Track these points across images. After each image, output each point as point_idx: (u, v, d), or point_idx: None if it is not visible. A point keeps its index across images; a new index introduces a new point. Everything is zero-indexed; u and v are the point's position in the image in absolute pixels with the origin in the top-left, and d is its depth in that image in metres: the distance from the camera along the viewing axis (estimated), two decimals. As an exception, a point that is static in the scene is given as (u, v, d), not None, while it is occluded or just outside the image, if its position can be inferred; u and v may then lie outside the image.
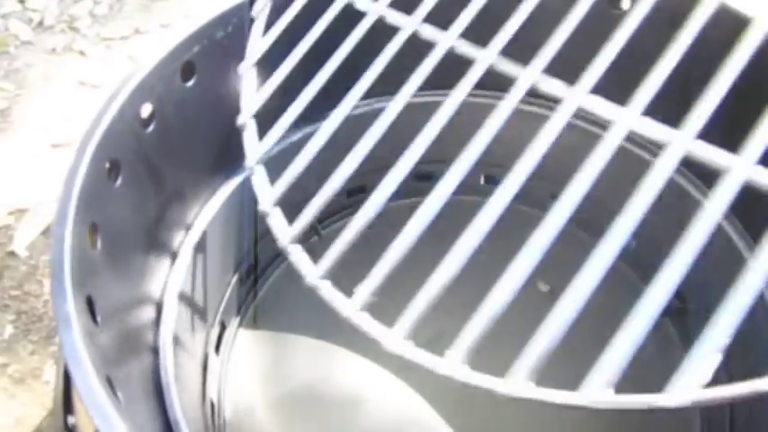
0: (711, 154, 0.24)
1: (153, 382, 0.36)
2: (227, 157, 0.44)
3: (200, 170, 0.43)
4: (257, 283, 0.49)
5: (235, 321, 0.47)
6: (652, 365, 0.29)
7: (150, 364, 0.36)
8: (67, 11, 1.14)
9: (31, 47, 1.07)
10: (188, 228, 0.42)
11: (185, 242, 0.42)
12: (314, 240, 0.50)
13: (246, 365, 0.45)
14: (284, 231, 0.28)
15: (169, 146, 0.38)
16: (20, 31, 1.10)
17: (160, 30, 1.11)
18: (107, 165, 0.33)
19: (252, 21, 0.38)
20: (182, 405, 0.36)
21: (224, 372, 0.45)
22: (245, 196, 0.46)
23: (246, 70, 0.34)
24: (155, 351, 0.37)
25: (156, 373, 0.36)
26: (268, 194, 0.30)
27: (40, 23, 1.12)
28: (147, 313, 0.38)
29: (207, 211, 0.43)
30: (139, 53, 1.05)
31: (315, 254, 0.27)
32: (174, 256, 0.41)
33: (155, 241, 0.39)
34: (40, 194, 0.75)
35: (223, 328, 0.47)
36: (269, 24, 0.35)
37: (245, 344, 0.46)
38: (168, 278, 0.40)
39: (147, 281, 0.38)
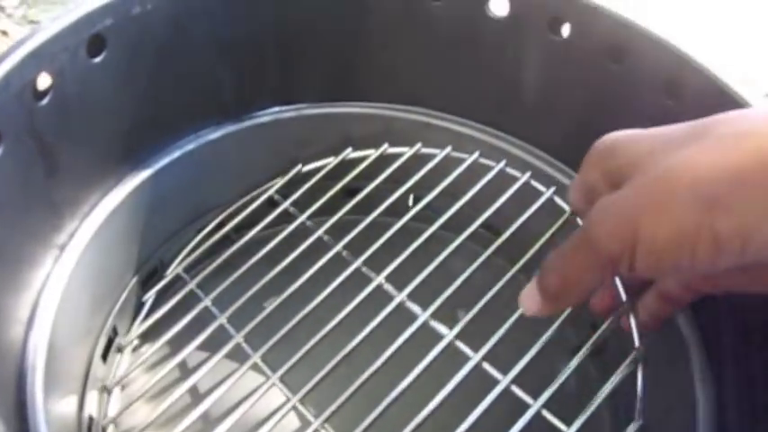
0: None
1: (16, 390, 0.31)
2: (137, 145, 0.41)
3: (103, 156, 0.39)
4: (155, 288, 0.45)
5: (127, 327, 0.43)
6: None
7: (15, 370, 0.32)
8: (-7, -10, 1.08)
9: (-52, 21, 1.00)
10: (83, 218, 0.38)
11: (77, 233, 0.38)
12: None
13: (136, 377, 0.41)
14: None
15: (67, 125, 0.35)
16: (-62, 4, 1.02)
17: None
18: (-15, 133, 0.29)
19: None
20: (49, 418, 0.32)
21: (109, 383, 0.41)
22: (153, 192, 0.42)
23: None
24: (23, 354, 0.33)
25: (21, 380, 0.32)
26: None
27: (-38, -2, 1.05)
28: (22, 307, 0.34)
29: (107, 203, 0.39)
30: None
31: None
32: (62, 247, 0.37)
33: (41, 227, 0.35)
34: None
35: (114, 334, 0.42)
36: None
37: (137, 353, 0.42)
38: (52, 271, 0.36)
39: (28, 271, 0.34)
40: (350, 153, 0.47)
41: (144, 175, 0.41)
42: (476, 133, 0.46)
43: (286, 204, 0.45)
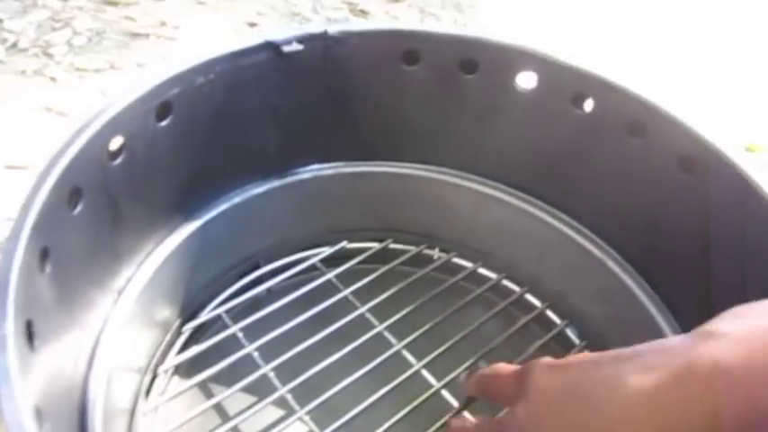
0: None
1: (79, 423, 0.34)
2: (190, 198, 0.44)
3: (160, 208, 0.42)
4: (197, 333, 0.48)
5: (169, 368, 0.45)
6: None
7: (78, 403, 0.35)
8: (44, 36, 1.14)
9: (1, 66, 1.06)
10: (140, 264, 0.42)
11: (133, 279, 0.41)
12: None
13: (175, 416, 0.44)
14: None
15: (133, 181, 0.38)
16: (-8, 50, 1.09)
17: (135, 68, 1.11)
18: (69, 191, 0.32)
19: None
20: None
21: (151, 420, 0.43)
22: (202, 241, 0.46)
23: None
24: (85, 389, 0.36)
25: (83, 414, 0.35)
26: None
27: (15, 45, 1.11)
28: (85, 348, 0.37)
29: (161, 251, 0.43)
30: (111, 88, 1.05)
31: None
32: (120, 291, 0.40)
33: (103, 274, 0.38)
34: (-14, 214, 0.73)
35: (155, 374, 0.45)
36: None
37: (177, 393, 0.44)
38: (110, 314, 0.39)
39: (89, 313, 0.37)
40: (391, 243, 0.53)
41: (194, 225, 0.45)
42: (506, 197, 0.49)
43: (330, 276, 0.50)
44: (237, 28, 1.26)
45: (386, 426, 0.41)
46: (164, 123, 0.39)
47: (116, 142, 0.37)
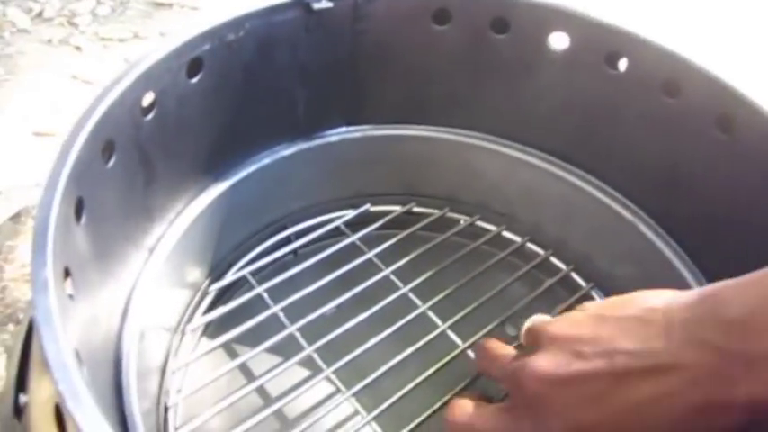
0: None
1: (114, 375, 0.35)
2: (219, 158, 0.45)
3: (191, 167, 0.42)
4: (224, 293, 0.48)
5: (197, 328, 0.46)
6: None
7: (113, 356, 0.35)
8: (69, 6, 1.15)
9: (26, 35, 1.07)
10: (171, 223, 0.42)
11: (165, 237, 0.41)
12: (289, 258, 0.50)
13: (202, 375, 0.44)
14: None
15: (165, 138, 0.38)
16: (17, 19, 1.09)
17: (159, 37, 1.12)
18: (102, 144, 0.33)
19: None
20: (139, 405, 0.35)
21: (181, 377, 0.44)
22: (231, 201, 0.46)
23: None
24: (119, 343, 0.36)
25: (118, 366, 0.35)
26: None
27: (40, 14, 1.12)
28: (118, 302, 0.37)
29: (191, 210, 0.43)
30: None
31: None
32: (151, 249, 0.41)
33: (136, 230, 0.39)
34: (16, 179, 0.74)
35: (183, 333, 0.46)
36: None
37: (204, 352, 0.45)
38: (143, 270, 0.40)
39: (122, 268, 0.38)
40: (414, 207, 0.53)
41: (224, 186, 0.45)
42: (534, 160, 0.49)
43: (354, 238, 0.50)
44: (261, -2, 1.25)
45: (411, 385, 0.42)
46: (195, 80, 0.39)
47: (148, 98, 0.37)
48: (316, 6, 0.42)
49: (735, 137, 0.39)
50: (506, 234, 0.52)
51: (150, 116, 0.37)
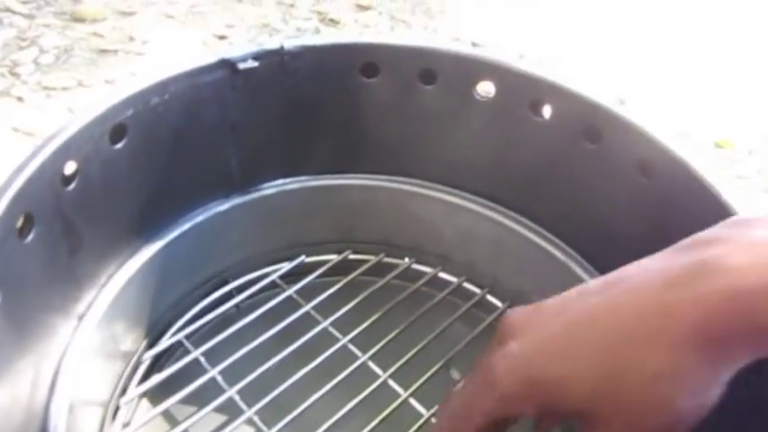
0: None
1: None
2: (151, 219, 0.44)
3: (120, 230, 0.42)
4: (159, 360, 0.47)
5: (132, 399, 0.44)
6: None
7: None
8: (11, 56, 1.13)
9: (-34, 88, 1.05)
10: (101, 287, 0.41)
11: (95, 303, 0.41)
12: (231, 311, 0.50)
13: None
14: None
15: (90, 205, 0.38)
16: (-43, 71, 1.07)
17: (104, 85, 1.11)
18: (20, 220, 0.32)
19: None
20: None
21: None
22: (166, 261, 0.45)
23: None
24: (45, 417, 0.35)
25: (44, 442, 0.34)
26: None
27: (-20, 65, 1.10)
28: (44, 375, 0.36)
29: (123, 273, 0.42)
30: (80, 106, 1.05)
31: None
32: (81, 316, 0.40)
33: (63, 300, 0.38)
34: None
35: (117, 406, 0.44)
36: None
37: (142, 424, 0.44)
38: (71, 340, 0.39)
39: (49, 340, 0.37)
40: (350, 254, 0.53)
41: (157, 246, 0.44)
42: (468, 203, 0.50)
43: (290, 292, 0.50)
44: (206, 41, 1.25)
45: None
46: (119, 146, 0.39)
47: (70, 167, 0.36)
48: (241, 66, 0.42)
49: (656, 182, 0.40)
50: (443, 275, 0.52)
51: (73, 185, 0.36)
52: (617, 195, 0.42)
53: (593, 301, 0.27)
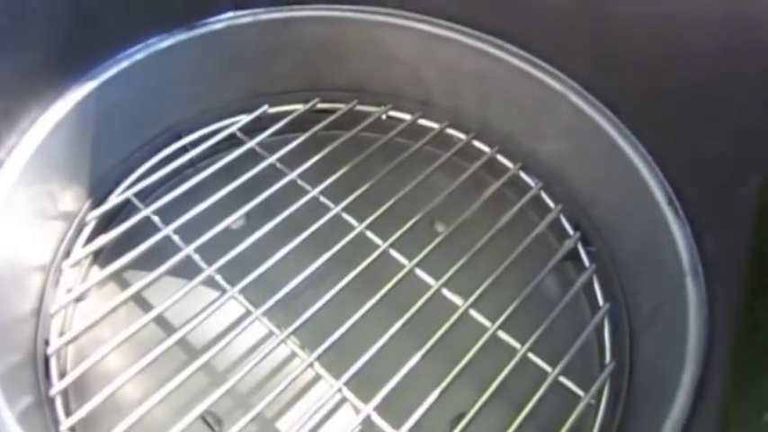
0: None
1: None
2: (78, 54, 0.38)
3: (39, 64, 0.35)
4: (106, 221, 0.42)
5: (79, 261, 0.39)
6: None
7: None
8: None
9: None
10: (22, 133, 0.35)
11: (16, 149, 0.35)
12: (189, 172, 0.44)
13: (92, 311, 0.38)
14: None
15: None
16: None
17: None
18: None
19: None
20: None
21: (62, 319, 0.38)
22: (101, 106, 0.39)
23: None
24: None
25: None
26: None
27: None
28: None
29: (48, 118, 0.36)
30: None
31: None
32: (0, 162, 0.34)
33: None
34: None
35: (60, 270, 0.39)
36: None
37: (89, 287, 0.39)
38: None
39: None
40: (318, 103, 0.47)
41: (89, 87, 0.38)
42: (449, 33, 0.43)
43: (252, 144, 0.44)
44: None
45: (329, 295, 0.37)
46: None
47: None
48: None
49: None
50: (423, 122, 0.47)
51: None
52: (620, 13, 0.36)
53: None
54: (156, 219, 0.40)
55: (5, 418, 0.28)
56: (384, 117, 0.47)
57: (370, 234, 0.40)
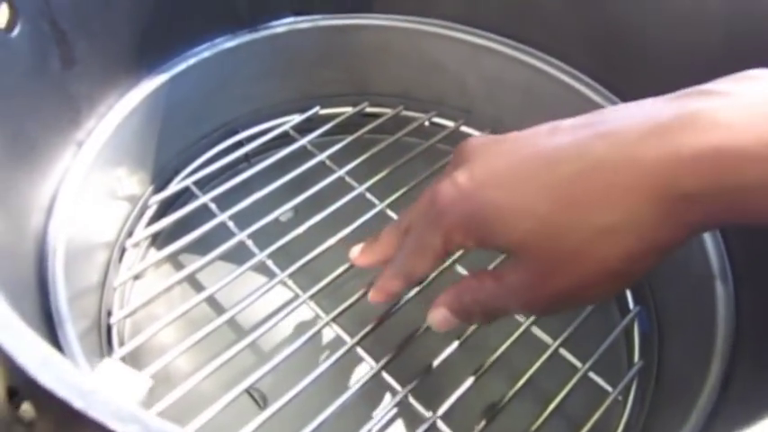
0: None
1: (37, 269, 0.31)
2: (153, 48, 0.41)
3: (119, 55, 0.38)
4: (166, 206, 0.45)
5: (141, 241, 0.42)
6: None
7: (36, 250, 0.32)
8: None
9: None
10: (100, 118, 0.38)
11: (95, 131, 0.38)
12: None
13: (150, 288, 0.41)
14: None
15: (83, 14, 0.34)
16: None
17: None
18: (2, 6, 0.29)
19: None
20: (70, 298, 0.32)
21: (123, 294, 0.41)
22: (170, 98, 0.42)
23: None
24: (43, 239, 0.33)
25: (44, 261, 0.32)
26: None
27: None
28: (42, 198, 0.34)
29: (124, 103, 0.39)
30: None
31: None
32: (80, 144, 0.37)
33: (57, 119, 0.35)
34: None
35: (124, 248, 0.42)
36: None
37: (151, 264, 0.41)
38: (71, 165, 0.36)
39: (46, 162, 0.34)
40: (367, 107, 0.50)
41: (160, 79, 0.41)
42: (494, 45, 0.46)
43: (303, 141, 0.47)
44: None
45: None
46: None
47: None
48: None
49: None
50: (465, 129, 0.49)
51: (62, -14, 0.32)
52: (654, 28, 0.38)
53: (560, 140, 0.25)
54: (212, 206, 0.43)
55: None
56: (427, 123, 0.49)
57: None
